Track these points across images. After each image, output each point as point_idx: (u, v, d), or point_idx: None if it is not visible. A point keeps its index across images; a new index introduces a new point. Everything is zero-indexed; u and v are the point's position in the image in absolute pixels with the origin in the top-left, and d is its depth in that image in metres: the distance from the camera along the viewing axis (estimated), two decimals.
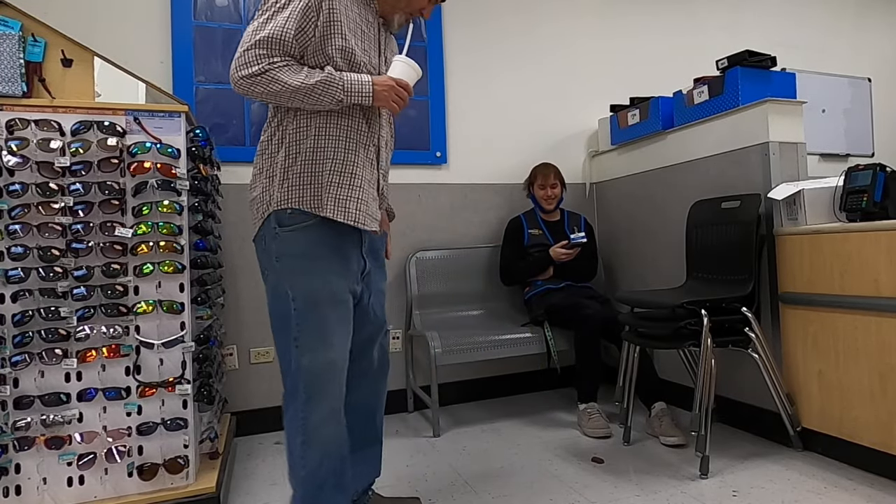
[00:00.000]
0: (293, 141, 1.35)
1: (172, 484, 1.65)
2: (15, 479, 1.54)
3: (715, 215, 2.27)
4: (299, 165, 1.34)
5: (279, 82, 1.26)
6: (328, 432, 1.34)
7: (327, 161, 1.34)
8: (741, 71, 2.24)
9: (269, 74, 1.26)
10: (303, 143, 1.34)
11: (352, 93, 1.31)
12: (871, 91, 3.94)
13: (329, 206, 1.33)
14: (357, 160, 1.38)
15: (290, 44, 1.27)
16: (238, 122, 2.56)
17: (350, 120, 1.38)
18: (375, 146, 1.44)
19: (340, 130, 1.36)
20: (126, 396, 1.61)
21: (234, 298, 2.51)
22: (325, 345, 1.33)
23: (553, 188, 2.78)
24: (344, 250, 1.38)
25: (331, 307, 1.35)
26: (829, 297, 1.91)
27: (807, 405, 2.02)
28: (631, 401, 2.26)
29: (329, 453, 1.34)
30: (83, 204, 1.59)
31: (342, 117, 1.37)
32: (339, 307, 1.36)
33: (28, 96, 1.64)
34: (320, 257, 1.35)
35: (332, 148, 1.35)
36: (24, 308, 1.55)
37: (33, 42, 1.66)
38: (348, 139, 1.37)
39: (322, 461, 1.33)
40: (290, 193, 1.33)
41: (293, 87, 1.26)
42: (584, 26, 3.29)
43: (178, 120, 1.71)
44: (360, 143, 1.39)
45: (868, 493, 1.70)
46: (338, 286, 1.36)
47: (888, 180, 1.90)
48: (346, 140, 1.37)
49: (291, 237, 1.33)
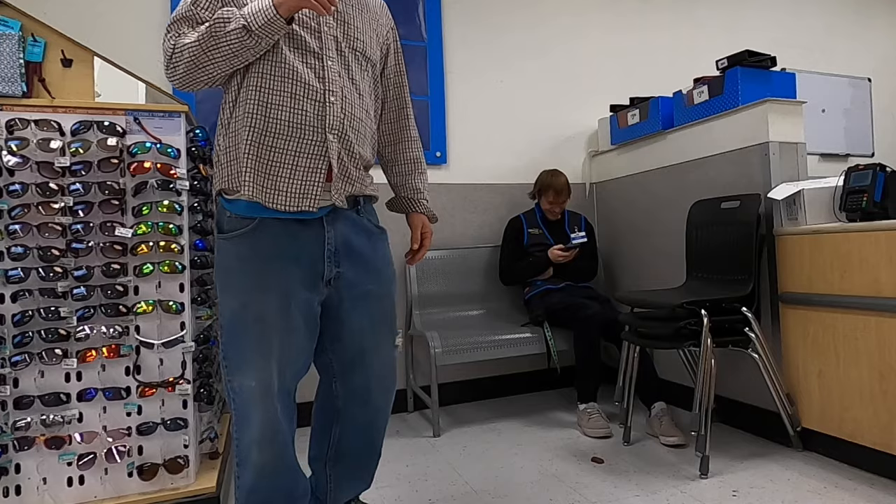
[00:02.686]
0: (226, 117, 1.24)
1: (172, 484, 1.65)
2: (15, 479, 1.54)
3: (715, 215, 2.27)
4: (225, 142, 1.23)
5: (185, 49, 1.14)
6: (256, 458, 1.23)
7: (243, 131, 1.19)
8: (741, 71, 2.24)
9: (176, 49, 1.15)
10: (231, 116, 1.22)
11: (251, 15, 1.11)
12: (871, 91, 3.94)
13: (247, 185, 1.18)
14: (279, 126, 1.18)
15: (198, 15, 1.18)
16: None
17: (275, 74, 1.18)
18: (319, 102, 1.20)
19: (262, 93, 1.18)
20: (126, 396, 1.61)
21: None
22: (245, 368, 1.22)
23: (563, 204, 2.79)
24: (288, 254, 1.22)
25: (252, 326, 1.21)
26: (829, 296, 1.91)
27: (807, 405, 2.02)
28: (631, 401, 2.26)
29: (259, 483, 1.25)
30: (83, 204, 1.59)
31: (267, 76, 1.18)
32: (262, 326, 1.21)
33: (28, 96, 1.64)
34: (243, 271, 1.21)
35: (252, 114, 1.18)
36: (24, 308, 1.55)
37: (33, 42, 1.66)
38: (269, 103, 1.18)
39: (254, 486, 1.25)
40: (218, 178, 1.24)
41: (194, 43, 1.13)
42: (585, 26, 3.29)
43: (178, 120, 1.71)
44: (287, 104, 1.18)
45: (868, 493, 1.70)
46: (263, 302, 1.21)
47: (888, 180, 1.90)
48: (268, 102, 1.18)
49: (222, 247, 1.24)
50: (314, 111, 1.19)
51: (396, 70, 1.48)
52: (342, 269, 1.28)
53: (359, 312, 1.33)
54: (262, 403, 1.22)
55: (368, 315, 1.34)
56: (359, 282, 1.31)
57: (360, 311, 1.33)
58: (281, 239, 1.21)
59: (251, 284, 1.21)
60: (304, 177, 1.19)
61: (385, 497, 1.82)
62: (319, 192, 1.21)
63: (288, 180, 1.18)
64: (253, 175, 1.17)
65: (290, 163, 1.19)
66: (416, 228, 1.51)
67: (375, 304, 1.35)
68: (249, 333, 1.21)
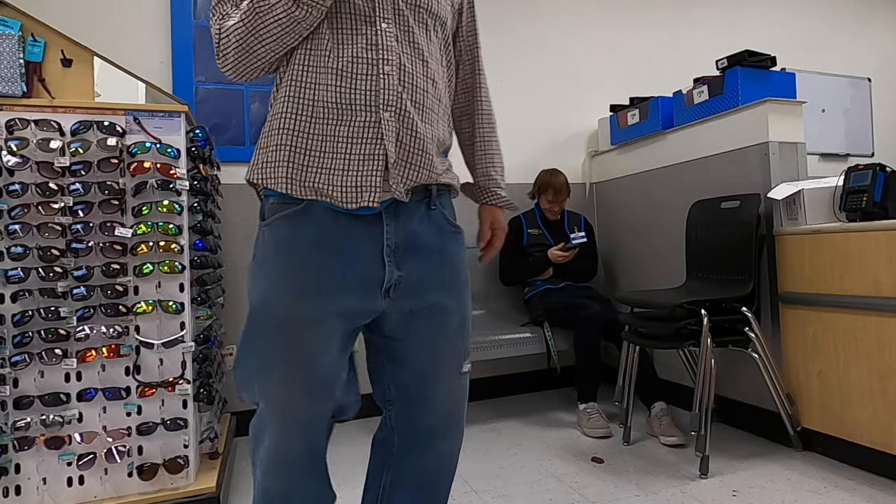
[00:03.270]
0: (274, 99, 1.05)
1: (172, 484, 1.65)
2: (15, 479, 1.54)
3: (715, 215, 2.27)
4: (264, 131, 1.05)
5: (230, 33, 0.97)
6: (268, 483, 1.06)
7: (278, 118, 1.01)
8: (741, 71, 2.24)
9: (222, 35, 0.99)
10: (272, 102, 1.05)
11: None
12: (871, 91, 3.94)
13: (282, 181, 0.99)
14: (324, 109, 0.98)
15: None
16: (238, 122, 2.55)
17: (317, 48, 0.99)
18: (371, 76, 0.98)
19: (303, 72, 0.99)
20: (126, 396, 1.61)
21: (234, 298, 2.51)
22: (255, 382, 1.02)
23: (562, 203, 2.79)
24: (338, 246, 0.99)
25: (266, 330, 0.99)
26: (829, 296, 1.91)
27: (807, 405, 2.02)
28: (631, 401, 2.26)
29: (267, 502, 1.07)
30: (83, 204, 1.59)
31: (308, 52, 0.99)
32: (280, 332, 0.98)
33: (28, 96, 1.64)
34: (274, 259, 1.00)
35: (292, 97, 1.00)
36: (23, 308, 1.55)
37: (33, 42, 1.66)
38: (310, 83, 0.99)
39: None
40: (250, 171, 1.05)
41: (239, 24, 0.96)
42: (585, 26, 3.29)
43: (178, 120, 1.71)
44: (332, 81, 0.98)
45: (868, 493, 1.70)
46: (288, 302, 0.98)
47: (888, 180, 1.90)
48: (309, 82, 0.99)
49: (260, 237, 1.04)
50: (365, 86, 0.97)
51: (471, 30, 1.23)
52: (404, 272, 1.02)
53: (422, 328, 1.06)
54: (276, 427, 1.02)
55: (434, 332, 1.07)
56: (424, 290, 1.05)
57: (423, 326, 1.06)
58: (330, 228, 0.98)
59: (278, 276, 0.99)
60: (358, 167, 0.97)
61: None
62: (378, 183, 0.97)
63: (341, 172, 0.97)
64: (289, 170, 0.98)
65: (340, 151, 0.97)
66: (484, 223, 1.27)
67: (443, 318, 1.08)
68: (262, 340, 1.00)
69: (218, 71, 2.49)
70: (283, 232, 0.99)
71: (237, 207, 2.50)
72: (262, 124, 1.08)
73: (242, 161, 2.51)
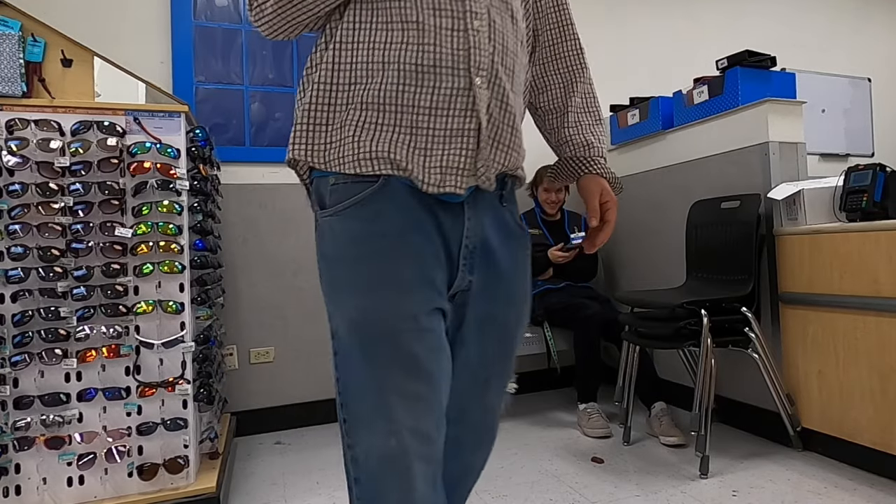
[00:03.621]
0: (314, 71, 0.83)
1: (172, 484, 1.65)
2: (15, 479, 1.54)
3: (715, 215, 2.27)
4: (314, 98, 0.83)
5: None
6: None
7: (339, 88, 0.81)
8: (741, 71, 2.24)
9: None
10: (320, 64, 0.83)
11: None
12: (871, 91, 3.94)
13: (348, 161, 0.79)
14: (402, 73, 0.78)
15: None
16: (238, 122, 2.55)
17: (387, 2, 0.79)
18: (459, 31, 0.79)
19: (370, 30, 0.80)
20: (126, 396, 1.61)
21: (234, 298, 2.51)
22: (373, 417, 0.77)
23: (558, 193, 2.79)
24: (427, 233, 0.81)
25: (380, 343, 0.77)
26: (828, 296, 1.91)
27: (807, 405, 2.02)
28: (631, 401, 2.26)
29: None
30: (83, 204, 1.59)
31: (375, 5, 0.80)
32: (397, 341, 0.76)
33: (28, 96, 1.64)
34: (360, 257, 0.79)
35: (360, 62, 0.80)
36: (24, 308, 1.55)
37: (33, 42, 1.66)
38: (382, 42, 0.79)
39: None
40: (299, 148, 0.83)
41: None
42: (584, 26, 3.27)
43: (178, 120, 1.71)
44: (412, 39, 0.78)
45: (868, 493, 1.70)
46: (396, 303, 0.78)
47: (888, 180, 1.90)
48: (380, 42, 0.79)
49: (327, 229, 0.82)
50: (452, 44, 0.79)
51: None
52: (474, 278, 0.86)
53: (477, 342, 0.90)
54: (402, 475, 0.76)
55: (487, 347, 0.91)
56: (487, 299, 0.88)
57: (478, 340, 0.90)
58: (416, 212, 0.80)
59: (376, 276, 0.78)
60: (444, 144, 0.79)
61: None
62: (469, 164, 0.81)
63: (423, 151, 0.78)
64: (356, 147, 0.78)
65: (422, 126, 0.78)
66: (592, 196, 1.00)
67: (500, 333, 0.92)
68: (376, 357, 0.77)
69: (218, 71, 2.51)
70: (359, 222, 0.79)
71: (237, 207, 2.50)
72: (261, 124, 1.02)
73: (242, 161, 2.52)
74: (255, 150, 2.55)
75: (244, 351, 2.53)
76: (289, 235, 2.59)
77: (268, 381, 2.54)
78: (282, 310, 2.57)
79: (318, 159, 0.82)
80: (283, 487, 1.92)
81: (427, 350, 0.78)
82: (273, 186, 2.57)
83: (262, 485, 1.96)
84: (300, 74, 0.99)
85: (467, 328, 0.88)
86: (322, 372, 2.60)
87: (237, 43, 2.55)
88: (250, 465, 2.15)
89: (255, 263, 2.55)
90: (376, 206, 0.79)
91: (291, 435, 2.48)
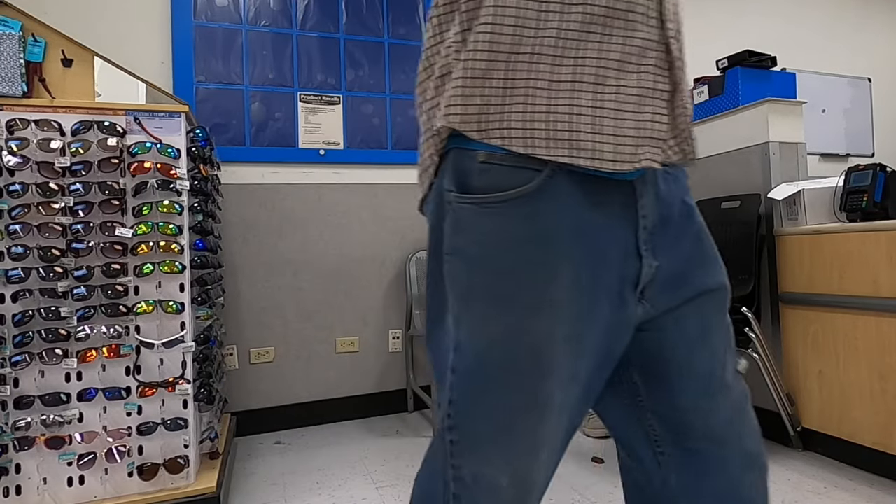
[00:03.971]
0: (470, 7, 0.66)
1: (173, 484, 1.65)
2: (15, 479, 1.54)
3: (715, 215, 2.27)
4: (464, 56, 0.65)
5: None
6: None
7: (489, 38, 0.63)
8: (741, 71, 2.25)
9: None
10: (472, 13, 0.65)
11: None
12: (871, 91, 3.95)
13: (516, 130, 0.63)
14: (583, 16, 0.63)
15: None
16: (238, 122, 2.56)
17: None
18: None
19: None
20: (126, 396, 1.61)
21: (234, 298, 2.51)
22: (494, 449, 0.65)
23: None
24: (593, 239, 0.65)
25: (525, 372, 0.63)
26: (828, 296, 1.91)
27: (807, 405, 2.02)
28: None
29: None
30: (83, 204, 1.59)
31: None
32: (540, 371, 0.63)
33: (28, 96, 1.64)
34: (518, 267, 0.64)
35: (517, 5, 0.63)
36: (24, 308, 1.55)
37: (33, 42, 1.66)
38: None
39: None
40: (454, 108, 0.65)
41: None
42: None
43: (179, 120, 1.71)
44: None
45: (868, 493, 1.70)
46: (544, 330, 0.63)
47: (888, 180, 1.90)
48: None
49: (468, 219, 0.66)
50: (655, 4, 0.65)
51: None
52: (662, 260, 0.69)
53: (694, 330, 0.73)
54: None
55: (709, 332, 0.74)
56: (687, 276, 0.72)
57: (695, 326, 0.73)
58: (582, 212, 0.64)
59: (530, 294, 0.63)
60: (635, 108, 0.63)
61: (385, 497, 1.81)
62: (665, 131, 0.66)
63: (612, 116, 0.62)
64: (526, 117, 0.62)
65: (609, 85, 0.63)
66: None
67: (714, 306, 0.75)
68: (516, 386, 0.64)
69: (218, 71, 2.51)
70: (518, 221, 0.63)
71: (237, 207, 2.51)
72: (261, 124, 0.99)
73: (242, 161, 2.52)
74: (255, 150, 2.56)
75: (244, 351, 2.53)
76: (289, 235, 2.59)
77: (268, 381, 2.54)
78: (282, 310, 2.57)
79: (482, 131, 0.64)
80: (283, 487, 1.92)
81: (562, 380, 0.65)
82: (273, 186, 2.57)
83: (262, 485, 1.96)
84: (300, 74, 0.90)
85: (675, 316, 0.72)
86: (322, 372, 2.60)
87: (237, 43, 2.55)
88: (250, 465, 2.15)
89: (255, 263, 2.55)
90: (540, 202, 0.63)
91: (291, 435, 2.48)
